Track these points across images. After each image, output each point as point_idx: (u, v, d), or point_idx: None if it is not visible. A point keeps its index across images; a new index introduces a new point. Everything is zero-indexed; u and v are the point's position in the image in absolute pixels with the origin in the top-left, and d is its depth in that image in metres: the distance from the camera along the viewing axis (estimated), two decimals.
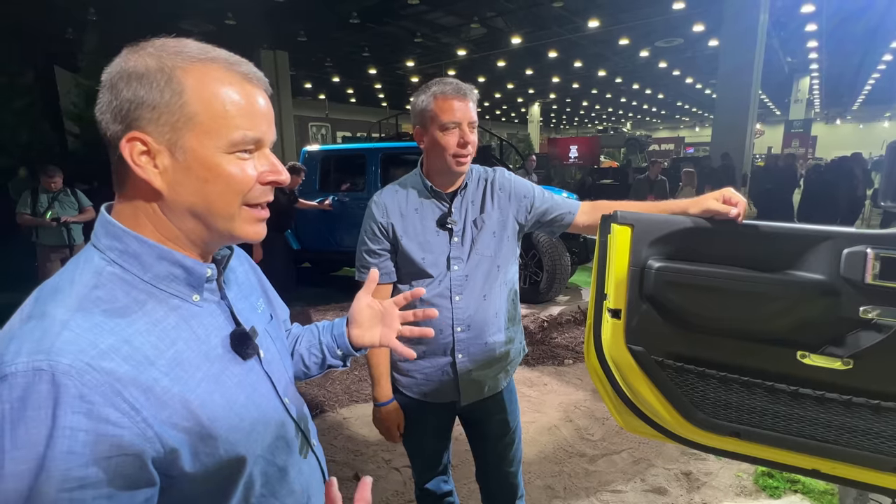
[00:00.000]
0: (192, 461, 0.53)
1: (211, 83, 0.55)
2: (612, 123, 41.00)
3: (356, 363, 3.70)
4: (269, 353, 0.69)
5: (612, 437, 2.71)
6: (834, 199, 7.48)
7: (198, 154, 0.55)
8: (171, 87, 0.53)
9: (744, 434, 1.08)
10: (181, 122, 0.54)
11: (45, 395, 0.45)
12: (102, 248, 0.56)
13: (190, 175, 0.55)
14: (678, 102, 31.72)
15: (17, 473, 0.44)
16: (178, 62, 0.55)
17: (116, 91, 0.54)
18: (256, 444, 0.61)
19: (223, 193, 0.57)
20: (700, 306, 1.10)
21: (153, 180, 0.55)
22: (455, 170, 1.26)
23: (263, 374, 0.66)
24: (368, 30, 13.09)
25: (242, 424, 0.59)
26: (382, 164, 5.64)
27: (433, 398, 1.38)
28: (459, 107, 1.22)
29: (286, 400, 0.69)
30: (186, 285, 0.59)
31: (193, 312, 0.59)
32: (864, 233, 1.01)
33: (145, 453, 0.49)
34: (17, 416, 0.45)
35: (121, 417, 0.48)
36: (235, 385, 0.60)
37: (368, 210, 1.33)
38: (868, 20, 13.47)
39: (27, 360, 0.46)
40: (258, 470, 0.61)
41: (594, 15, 11.99)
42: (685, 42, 15.10)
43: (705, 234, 1.10)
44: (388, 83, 21.71)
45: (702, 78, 22.27)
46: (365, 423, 2.90)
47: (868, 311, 0.97)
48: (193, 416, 0.54)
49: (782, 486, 2.22)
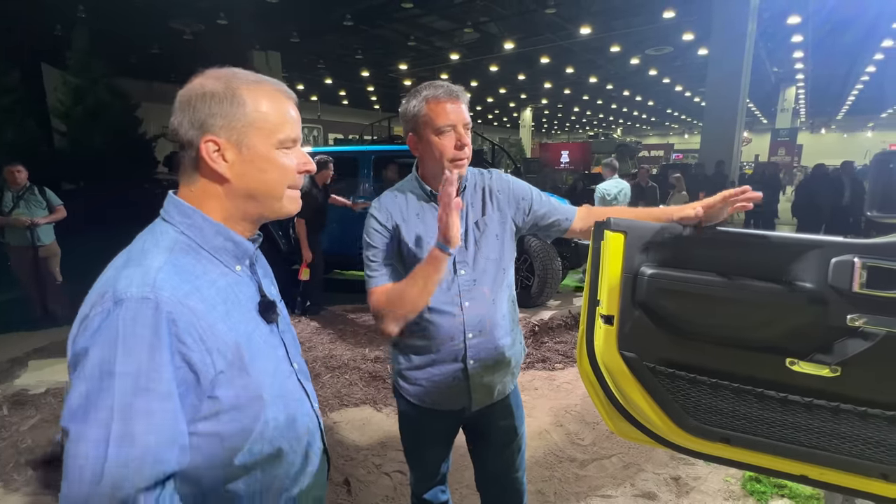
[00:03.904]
0: (228, 387, 0.69)
1: (263, 98, 0.75)
2: (603, 129, 41.35)
3: (346, 367, 3.68)
4: (283, 324, 0.85)
5: (603, 442, 2.72)
6: (820, 207, 7.61)
7: (258, 150, 0.74)
8: (236, 102, 0.73)
9: (734, 440, 1.09)
10: (245, 127, 0.73)
11: (150, 317, 0.63)
12: (175, 223, 0.74)
13: (252, 166, 0.74)
14: (667, 109, 32.13)
15: (126, 373, 0.61)
16: (239, 84, 0.74)
17: (192, 106, 0.73)
18: (273, 390, 0.76)
19: (277, 179, 0.76)
20: (691, 313, 1.11)
21: (223, 171, 0.73)
22: (455, 166, 1.23)
23: (280, 339, 0.83)
24: (362, 32, 13.09)
25: (265, 372, 0.75)
26: (374, 167, 5.63)
27: (442, 406, 1.34)
28: (453, 109, 1.20)
29: (295, 365, 0.85)
30: (233, 257, 0.77)
31: (236, 280, 0.77)
32: (851, 242, 1.02)
33: (201, 372, 0.66)
34: (129, 331, 0.62)
35: (193, 343, 0.66)
36: (262, 341, 0.77)
37: (370, 218, 1.29)
38: (852, 33, 13.78)
39: (137, 290, 0.64)
40: (272, 413, 0.75)
41: (586, 22, 12.12)
42: (675, 50, 15.32)
43: (697, 241, 1.11)
44: (381, 86, 21.71)
45: (691, 86, 22.60)
46: (355, 428, 2.88)
47: (855, 319, 0.99)
48: (237, 352, 0.70)
49: (769, 491, 2.25)
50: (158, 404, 0.62)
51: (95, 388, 0.61)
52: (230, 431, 0.70)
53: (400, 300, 1.17)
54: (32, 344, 4.25)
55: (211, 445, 0.69)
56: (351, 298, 5.49)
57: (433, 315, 1.26)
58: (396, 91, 23.33)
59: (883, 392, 1.00)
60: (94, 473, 0.59)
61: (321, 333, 4.47)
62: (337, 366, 3.70)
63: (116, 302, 0.63)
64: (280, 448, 0.76)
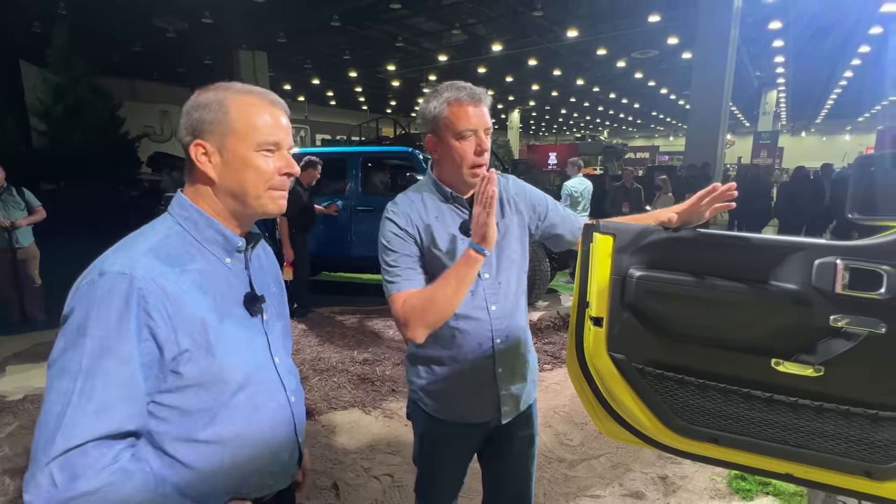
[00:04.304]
0: (193, 365, 0.76)
1: (245, 106, 0.82)
2: (590, 131, 41.73)
3: (335, 370, 3.65)
4: (271, 320, 0.91)
5: (591, 443, 2.73)
6: (801, 209, 7.77)
7: (237, 153, 0.82)
8: (221, 110, 0.81)
9: (721, 440, 1.10)
10: (226, 132, 0.81)
11: (123, 290, 0.72)
12: (175, 215, 0.84)
13: (232, 168, 0.82)
14: (653, 112, 32.54)
15: (95, 335, 0.70)
16: (227, 94, 0.82)
17: (189, 115, 0.82)
18: (241, 376, 0.81)
19: (255, 180, 0.83)
20: (679, 315, 1.12)
21: (209, 172, 0.82)
22: (471, 181, 1.21)
23: (263, 332, 0.89)
24: (349, 33, 13.03)
25: (234, 357, 0.81)
26: (363, 168, 5.60)
27: (470, 419, 1.28)
28: (475, 113, 1.17)
29: (276, 359, 0.90)
30: (223, 249, 0.85)
31: (224, 270, 0.85)
32: (834, 244, 1.04)
33: (165, 346, 0.74)
34: (104, 299, 0.71)
35: (160, 318, 0.73)
36: (239, 328, 0.83)
37: (386, 223, 1.24)
38: (831, 39, 14.12)
39: (118, 267, 0.73)
40: (237, 397, 0.81)
41: (573, 25, 12.23)
42: (660, 54, 15.53)
43: (684, 244, 1.13)
44: (369, 86, 21.63)
45: (676, 89, 22.91)
46: (344, 431, 2.86)
47: (838, 319, 1.01)
48: (204, 334, 0.77)
49: (754, 489, 2.28)
50: (118, 366, 0.70)
51: (71, 344, 0.70)
52: (193, 407, 0.77)
53: (430, 305, 1.11)
54: (11, 349, 4.14)
55: (175, 417, 0.76)
56: (339, 300, 5.45)
57: (460, 322, 1.22)
58: (384, 92, 23.27)
59: (865, 391, 1.02)
60: (56, 420, 0.68)
61: (309, 335, 4.43)
62: (325, 368, 3.67)
63: (101, 274, 0.73)
64: (243, 431, 0.82)
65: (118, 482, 0.69)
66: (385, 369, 3.69)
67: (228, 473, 0.81)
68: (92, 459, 0.67)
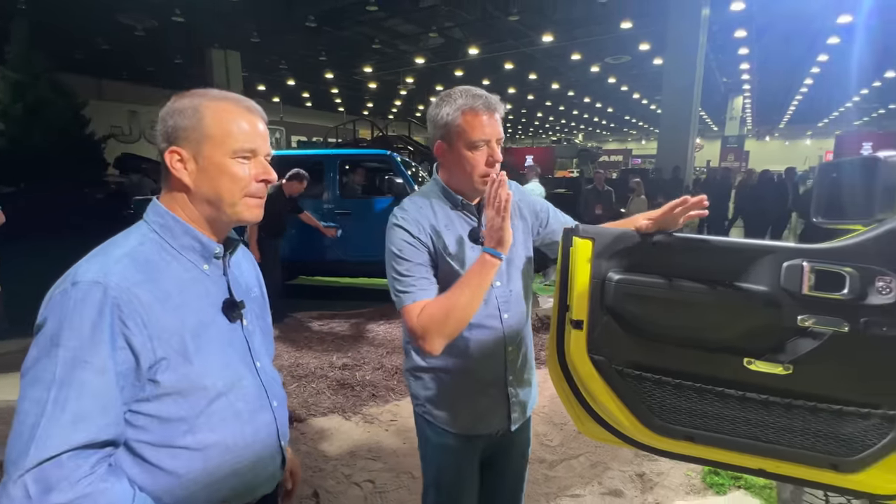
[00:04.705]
0: (171, 373, 0.76)
1: (221, 113, 0.82)
2: (565, 135, 42.43)
3: (313, 376, 3.60)
4: (251, 325, 0.91)
5: (570, 443, 2.77)
6: (766, 211, 8.07)
7: (212, 160, 0.81)
8: (196, 117, 0.81)
9: (697, 438, 1.13)
10: (201, 139, 0.81)
11: (97, 299, 0.71)
12: (150, 222, 0.83)
13: (207, 174, 0.82)
14: (626, 116, 33.29)
15: (69, 345, 0.69)
16: (202, 101, 0.82)
17: (165, 121, 0.82)
18: (222, 382, 0.81)
19: (229, 187, 0.82)
20: (656, 317, 1.14)
21: (184, 178, 0.81)
22: (481, 188, 1.18)
23: (243, 337, 0.89)
24: (325, 34, 12.89)
25: (213, 364, 0.81)
26: (341, 171, 5.55)
27: (483, 430, 1.27)
28: (489, 123, 1.14)
29: (258, 364, 0.90)
30: (200, 256, 0.84)
31: (202, 277, 0.84)
32: (801, 247, 1.09)
33: (141, 355, 0.73)
34: (77, 309, 0.71)
35: (134, 326, 0.73)
36: (217, 334, 0.83)
37: (396, 230, 1.18)
38: (792, 47, 14.74)
39: (92, 276, 0.73)
40: (217, 404, 0.80)
41: (548, 30, 12.42)
42: (632, 59, 15.91)
43: (660, 248, 1.16)
44: (346, 88, 21.46)
45: (647, 94, 23.50)
46: (323, 438, 2.82)
47: (805, 319, 1.05)
48: (182, 341, 0.77)
49: (727, 483, 2.35)
50: (92, 376, 0.70)
51: (44, 354, 0.70)
52: (172, 414, 0.77)
53: (447, 314, 1.07)
54: None
55: (154, 425, 0.76)
56: (317, 304, 5.38)
57: (474, 331, 1.20)
58: (361, 94, 23.12)
59: (831, 388, 1.06)
60: (30, 431, 0.67)
61: (285, 341, 4.35)
62: (303, 374, 3.61)
63: (74, 284, 0.72)
64: (224, 438, 0.81)
65: (94, 493, 0.68)
66: (365, 374, 3.65)
67: (210, 480, 0.80)
68: (67, 471, 0.67)
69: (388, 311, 5.18)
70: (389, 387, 3.45)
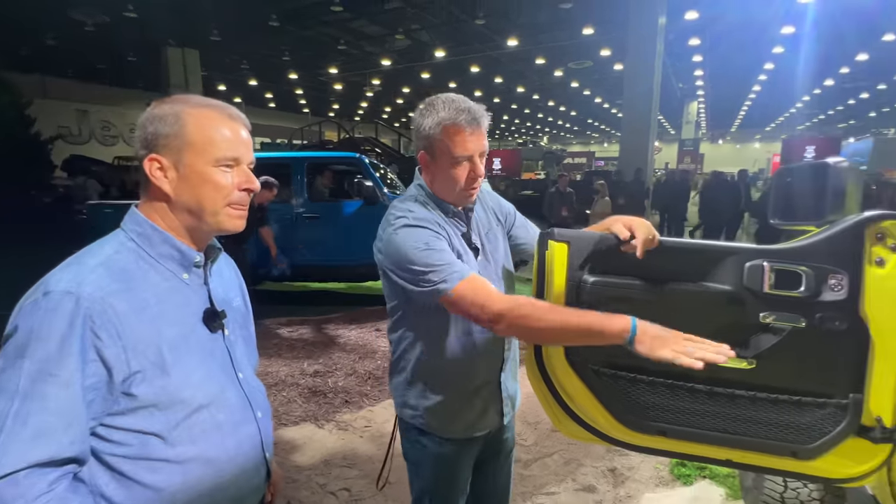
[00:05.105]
0: (147, 385, 0.74)
1: (203, 120, 0.80)
2: (531, 137, 43.18)
3: (284, 384, 3.52)
4: (233, 335, 0.90)
5: (545, 441, 2.82)
6: (721, 212, 8.46)
7: (194, 168, 0.79)
8: (178, 124, 0.78)
9: (669, 432, 1.18)
10: (183, 146, 0.79)
11: (68, 310, 0.69)
12: (127, 230, 0.81)
13: (188, 183, 0.80)
14: (588, 119, 34.23)
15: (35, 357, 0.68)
16: (183, 107, 0.79)
17: (144, 128, 0.79)
18: (202, 394, 0.80)
19: (212, 196, 0.80)
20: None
21: (164, 187, 0.79)
22: (467, 198, 1.18)
23: (224, 348, 0.87)
24: (289, 33, 12.66)
25: (192, 375, 0.79)
26: (308, 174, 5.45)
27: (479, 431, 1.27)
28: (471, 138, 1.11)
29: (240, 375, 0.88)
30: (179, 265, 0.82)
31: (181, 286, 0.82)
32: (761, 248, 1.15)
33: (115, 367, 0.71)
34: (46, 320, 0.69)
35: (108, 338, 0.71)
36: (197, 345, 0.82)
37: (415, 230, 1.12)
38: (742, 55, 15.56)
39: (64, 285, 0.71)
40: (197, 416, 0.79)
41: (513, 34, 12.62)
42: (594, 65, 16.39)
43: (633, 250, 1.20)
44: (311, 89, 21.12)
45: (609, 98, 24.26)
46: (296, 448, 2.75)
47: (766, 316, 1.12)
48: (158, 352, 0.75)
49: (693, 474, 2.45)
50: (57, 390, 0.67)
51: (9, 365, 0.68)
52: (149, 428, 0.75)
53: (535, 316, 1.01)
54: None
55: (130, 439, 0.74)
56: (286, 310, 5.25)
57: (476, 335, 1.20)
58: (327, 95, 22.79)
59: (790, 380, 1.13)
60: None
61: None
62: (273, 383, 3.52)
63: (45, 294, 0.70)
64: (205, 451, 0.80)
65: None
66: (337, 380, 3.60)
67: (191, 494, 0.78)
68: (23, 489, 0.64)
69: (360, 316, 5.13)
70: (363, 392, 3.41)
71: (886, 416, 1.09)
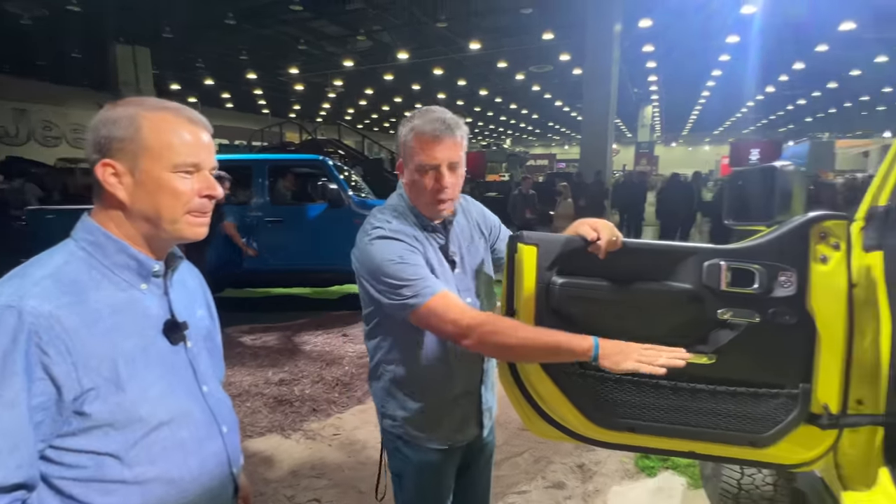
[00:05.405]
0: (101, 403, 0.70)
1: (161, 123, 0.76)
2: (494, 140, 43.72)
3: (248, 394, 3.40)
4: (196, 347, 0.86)
5: (514, 440, 2.85)
6: (676, 212, 8.84)
7: (151, 174, 0.76)
8: (133, 127, 0.75)
9: (637, 428, 1.22)
10: (139, 151, 0.75)
11: (11, 325, 0.65)
12: (78, 239, 0.77)
13: (145, 190, 0.76)
14: (549, 122, 35.02)
15: None
16: (139, 110, 0.76)
17: (97, 131, 0.75)
18: (162, 410, 0.76)
19: (170, 203, 0.77)
20: (597, 317, 1.22)
21: (118, 194, 0.76)
22: (436, 210, 1.17)
23: (187, 360, 0.83)
24: (246, 32, 12.29)
25: (150, 391, 0.75)
26: (270, 177, 5.30)
27: (460, 441, 1.28)
28: (440, 147, 1.12)
29: (205, 388, 0.85)
30: (137, 275, 0.79)
31: (139, 297, 0.79)
32: (718, 248, 1.21)
33: (64, 385, 0.67)
34: None
35: (56, 354, 0.67)
36: (157, 359, 0.78)
37: (389, 242, 1.12)
38: (693, 62, 16.33)
39: (5, 300, 0.67)
40: (157, 436, 0.75)
41: (476, 38, 12.74)
42: (554, 69, 16.77)
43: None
44: (270, 89, 20.56)
45: (569, 101, 24.89)
46: (262, 460, 2.67)
47: (724, 313, 1.18)
48: (113, 369, 0.71)
49: (657, 465, 2.55)
50: (1, 412, 0.63)
51: None
52: (104, 448, 0.71)
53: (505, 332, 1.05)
54: None
55: (84, 460, 0.70)
56: (248, 318, 5.09)
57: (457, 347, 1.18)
58: (287, 95, 22.26)
59: (747, 372, 1.19)
60: None
61: None
62: (237, 394, 3.40)
63: None
64: (166, 471, 0.76)
65: None
66: (304, 388, 3.52)
67: None
68: None
69: (326, 322, 5.03)
70: (330, 399, 3.35)
71: (832, 403, 1.17)
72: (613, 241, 1.13)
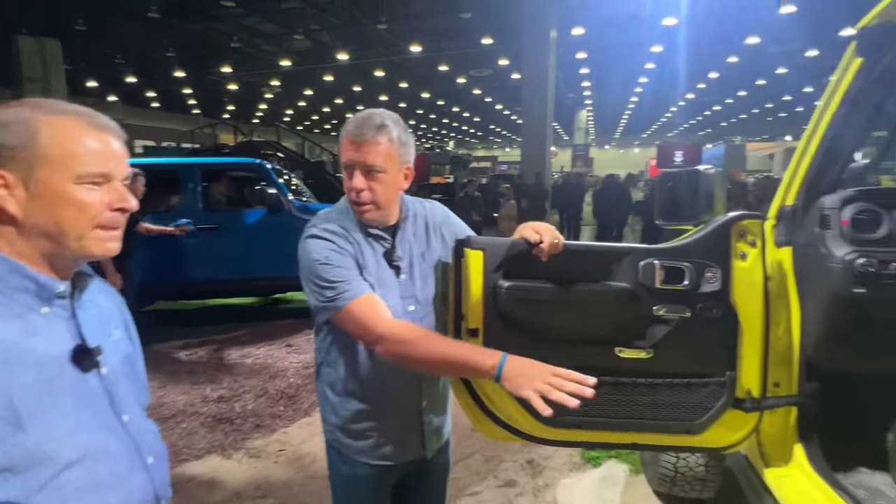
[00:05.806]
0: None
1: (62, 129, 0.69)
2: (437, 142, 44.00)
3: (183, 414, 3.18)
4: (113, 374, 0.77)
5: (465, 442, 2.86)
6: (611, 211, 9.33)
7: (50, 185, 0.68)
8: (28, 133, 0.67)
9: (584, 425, 1.26)
10: (35, 160, 0.68)
11: None
12: None
13: (42, 202, 0.69)
14: (491, 125, 35.77)
15: None
16: (36, 114, 0.69)
17: None
18: (72, 447, 0.68)
19: (74, 218, 0.70)
20: (542, 317, 1.25)
21: (9, 208, 0.67)
22: (357, 212, 1.14)
23: (102, 388, 0.75)
24: (173, 27, 11.54)
25: (58, 428, 0.67)
26: (202, 181, 5.00)
27: (396, 458, 1.21)
28: (352, 149, 1.09)
29: (125, 417, 0.77)
30: (36, 297, 0.70)
31: (40, 323, 0.70)
32: (652, 248, 1.28)
33: None
34: None
35: None
36: (65, 390, 0.70)
37: (318, 241, 1.11)
38: (622, 68, 17.32)
39: None
40: (68, 476, 0.68)
41: (417, 40, 12.76)
42: (494, 73, 17.14)
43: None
44: (201, 89, 19.44)
45: (509, 105, 25.54)
46: (201, 484, 2.50)
47: (659, 309, 1.24)
48: (10, 405, 0.63)
49: (601, 456, 2.66)
50: None
51: None
52: (5, 496, 0.64)
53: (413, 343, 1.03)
54: None
55: None
56: (181, 332, 4.76)
57: None
58: (220, 95, 21.17)
59: (681, 364, 1.27)
60: None
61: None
62: (170, 415, 3.16)
63: None
64: None
65: None
66: (246, 404, 3.34)
67: None
68: None
69: (270, 332, 4.81)
70: (275, 414, 3.20)
71: (754, 388, 1.27)
72: (555, 243, 1.16)
